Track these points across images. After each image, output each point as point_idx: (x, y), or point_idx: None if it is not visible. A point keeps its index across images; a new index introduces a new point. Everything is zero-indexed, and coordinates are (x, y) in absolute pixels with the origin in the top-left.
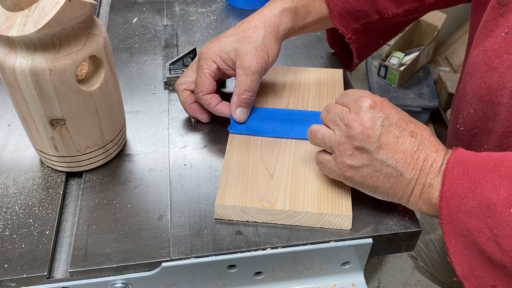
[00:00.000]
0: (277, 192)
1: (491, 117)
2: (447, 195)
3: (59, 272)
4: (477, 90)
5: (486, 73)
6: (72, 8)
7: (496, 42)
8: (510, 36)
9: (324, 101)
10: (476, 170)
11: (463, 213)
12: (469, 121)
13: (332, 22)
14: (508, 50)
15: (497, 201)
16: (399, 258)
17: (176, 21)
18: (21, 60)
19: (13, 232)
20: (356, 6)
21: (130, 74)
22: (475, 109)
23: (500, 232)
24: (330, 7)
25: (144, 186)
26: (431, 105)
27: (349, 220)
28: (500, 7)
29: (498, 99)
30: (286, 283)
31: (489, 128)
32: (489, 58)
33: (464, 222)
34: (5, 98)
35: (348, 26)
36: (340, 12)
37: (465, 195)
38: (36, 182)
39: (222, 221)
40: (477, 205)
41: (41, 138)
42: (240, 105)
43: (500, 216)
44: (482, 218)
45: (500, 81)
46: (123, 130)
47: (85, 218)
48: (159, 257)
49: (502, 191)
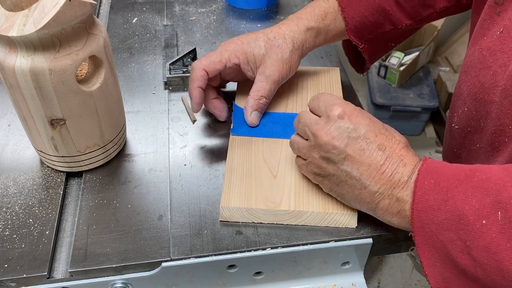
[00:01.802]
0: (282, 193)
1: (483, 115)
2: (418, 207)
3: (59, 272)
4: (471, 88)
5: (480, 71)
6: (72, 8)
7: (491, 41)
8: (504, 35)
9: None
10: (447, 181)
11: (436, 225)
12: (463, 120)
13: (348, 35)
14: (502, 48)
15: (469, 213)
16: (399, 258)
17: (176, 21)
18: (21, 60)
19: (13, 232)
20: (372, 19)
21: (130, 74)
22: (469, 107)
23: (473, 244)
24: (347, 21)
25: (144, 186)
26: (431, 105)
27: (355, 218)
28: (496, 6)
29: (490, 97)
30: (286, 283)
31: (481, 126)
32: (484, 57)
33: (436, 234)
34: (5, 98)
35: (362, 37)
36: (356, 25)
37: (437, 207)
38: (36, 182)
39: (222, 221)
40: (449, 217)
41: (41, 138)
42: (257, 109)
43: (473, 228)
44: (455, 230)
45: (493, 79)
46: (123, 130)
47: (85, 218)
48: (159, 257)
49: (474, 202)
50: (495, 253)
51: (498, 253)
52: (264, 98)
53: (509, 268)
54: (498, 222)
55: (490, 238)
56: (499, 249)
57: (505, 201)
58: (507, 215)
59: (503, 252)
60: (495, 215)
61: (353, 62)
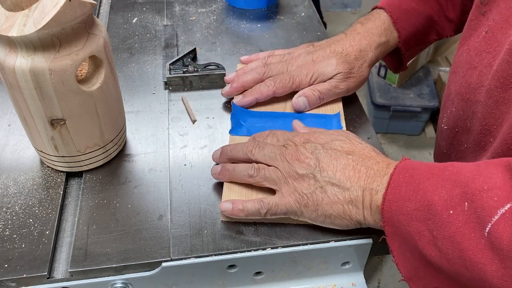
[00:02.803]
0: None
1: (469, 115)
2: (390, 197)
3: (59, 272)
4: (459, 88)
5: (467, 71)
6: (72, 8)
7: (477, 41)
8: (489, 35)
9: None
10: (421, 174)
11: (404, 216)
12: (451, 120)
13: (399, 46)
14: (487, 48)
15: (438, 203)
16: None
17: (176, 21)
18: (21, 60)
19: (13, 232)
20: (422, 29)
21: (130, 74)
22: (456, 107)
23: (439, 234)
24: (399, 32)
25: (144, 186)
26: (431, 105)
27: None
28: (482, 6)
29: (476, 97)
30: (286, 283)
31: (467, 126)
32: (471, 57)
33: (405, 225)
34: (5, 98)
35: (410, 46)
36: (407, 36)
37: (408, 198)
38: (36, 182)
39: (222, 221)
40: (419, 207)
41: (41, 138)
42: (306, 97)
43: (440, 218)
44: (423, 221)
45: (479, 79)
46: (123, 130)
47: (85, 218)
48: (159, 257)
49: (443, 193)
50: (459, 243)
51: (462, 242)
52: (318, 91)
53: (471, 257)
54: (464, 212)
55: (456, 228)
56: (463, 239)
57: (472, 192)
58: (472, 205)
59: (467, 242)
60: (462, 205)
61: (390, 64)
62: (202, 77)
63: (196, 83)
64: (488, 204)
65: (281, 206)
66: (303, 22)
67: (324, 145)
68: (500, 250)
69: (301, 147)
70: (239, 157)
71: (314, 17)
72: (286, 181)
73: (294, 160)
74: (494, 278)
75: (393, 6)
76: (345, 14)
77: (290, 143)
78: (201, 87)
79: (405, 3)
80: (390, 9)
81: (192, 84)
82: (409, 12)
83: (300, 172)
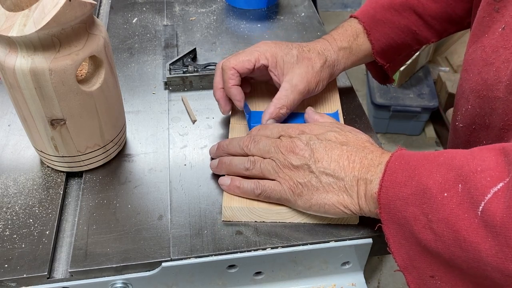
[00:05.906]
0: None
1: (488, 112)
2: (386, 184)
3: (59, 272)
4: (474, 86)
5: (483, 68)
6: (72, 8)
7: (494, 38)
8: (506, 31)
9: (319, 101)
10: (417, 161)
11: (401, 201)
12: (467, 118)
13: (374, 57)
14: (505, 45)
15: (433, 186)
16: None
17: (176, 21)
18: (21, 60)
19: (13, 232)
20: (399, 41)
21: (130, 74)
22: (472, 105)
23: (434, 217)
24: (373, 43)
25: (144, 186)
26: (431, 105)
27: (357, 215)
28: (495, 2)
29: (494, 93)
30: (286, 283)
31: (486, 123)
32: (487, 54)
33: (401, 211)
34: (5, 98)
35: (389, 58)
36: (382, 48)
37: (404, 183)
38: (36, 182)
39: (222, 221)
40: (414, 192)
41: (41, 138)
42: (274, 118)
43: (435, 200)
44: (418, 205)
45: (496, 75)
46: (123, 130)
47: (85, 218)
48: (159, 257)
49: (438, 177)
50: (454, 224)
51: (456, 223)
52: (286, 108)
53: (466, 237)
54: (458, 194)
55: (450, 210)
56: (457, 220)
57: (465, 174)
58: (466, 186)
59: (461, 222)
60: (456, 187)
61: (376, 75)
62: (202, 77)
63: (196, 83)
64: (481, 184)
65: (275, 191)
66: (303, 22)
67: (318, 136)
68: (493, 227)
69: (295, 139)
70: (235, 152)
71: (314, 17)
72: (281, 171)
73: (289, 152)
74: (488, 256)
75: (367, 16)
76: (345, 14)
77: (285, 135)
78: (201, 87)
79: (379, 14)
80: (363, 18)
81: (192, 84)
82: (383, 23)
83: (295, 163)
